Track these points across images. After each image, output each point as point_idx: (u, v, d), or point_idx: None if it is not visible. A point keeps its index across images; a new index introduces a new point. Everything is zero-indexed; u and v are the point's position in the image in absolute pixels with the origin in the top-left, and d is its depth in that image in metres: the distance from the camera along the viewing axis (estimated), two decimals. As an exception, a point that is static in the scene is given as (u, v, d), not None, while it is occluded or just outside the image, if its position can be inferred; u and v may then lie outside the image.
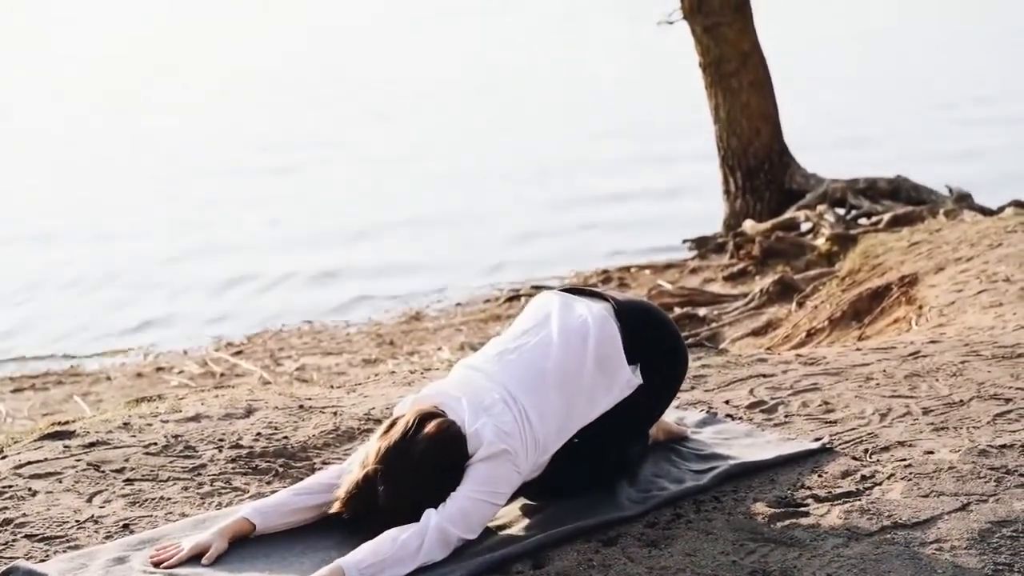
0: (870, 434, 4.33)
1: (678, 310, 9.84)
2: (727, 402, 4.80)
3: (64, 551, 3.66)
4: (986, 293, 6.73)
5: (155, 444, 4.44)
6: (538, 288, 10.48)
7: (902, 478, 3.94)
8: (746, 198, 12.07)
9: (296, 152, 18.30)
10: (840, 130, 17.72)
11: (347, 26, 33.91)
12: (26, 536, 3.76)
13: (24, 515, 3.90)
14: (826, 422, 4.50)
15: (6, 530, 3.80)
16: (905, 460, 4.07)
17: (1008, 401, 4.60)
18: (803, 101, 17.90)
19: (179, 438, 4.50)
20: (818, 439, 4.29)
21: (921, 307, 7.08)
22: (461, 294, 11.47)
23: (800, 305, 9.11)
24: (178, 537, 3.66)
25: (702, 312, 9.84)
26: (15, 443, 4.54)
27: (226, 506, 3.97)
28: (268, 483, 4.16)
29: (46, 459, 4.32)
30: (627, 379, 3.84)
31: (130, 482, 4.15)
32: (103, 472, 4.21)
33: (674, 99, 19.36)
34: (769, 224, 11.47)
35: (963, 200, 11.44)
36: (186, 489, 4.10)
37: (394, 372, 5.82)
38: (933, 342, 5.58)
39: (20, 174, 17.90)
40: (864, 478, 3.96)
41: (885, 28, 29.17)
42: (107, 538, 3.75)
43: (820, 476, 4.00)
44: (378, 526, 3.49)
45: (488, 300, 11.22)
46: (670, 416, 4.39)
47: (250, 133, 20.17)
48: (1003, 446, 4.15)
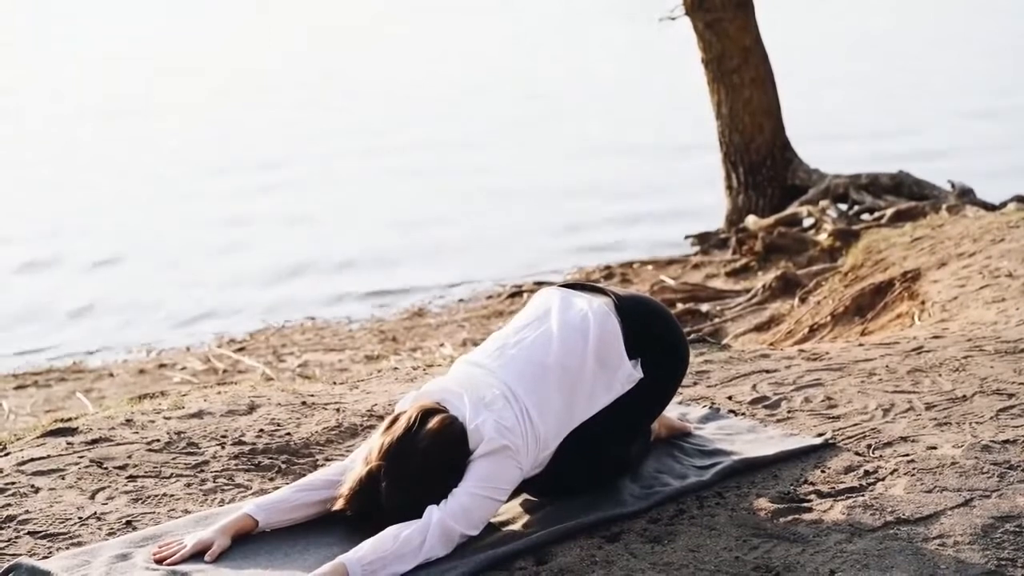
0: (873, 430, 4.33)
1: (681, 306, 9.85)
2: (730, 398, 4.80)
3: (67, 548, 3.66)
4: (989, 288, 6.73)
5: (158, 441, 4.45)
6: (540, 284, 10.53)
7: (905, 474, 3.93)
8: (748, 194, 12.07)
9: (296, 152, 18.30)
10: (842, 125, 17.71)
11: (347, 26, 33.91)
12: (29, 533, 3.77)
13: (27, 512, 3.90)
14: (829, 418, 4.50)
15: (9, 527, 3.80)
16: (908, 456, 4.07)
17: (1011, 396, 4.60)
18: (805, 97, 17.91)
19: (182, 435, 4.50)
20: (821, 435, 4.29)
21: (924, 302, 7.07)
22: (463, 290, 11.48)
23: (803, 301, 9.10)
24: (181, 534, 3.66)
25: (705, 308, 9.85)
26: (18, 440, 4.54)
27: (229, 503, 3.97)
28: (271, 480, 4.16)
29: (49, 456, 4.32)
30: (628, 374, 3.83)
31: (133, 479, 4.15)
32: (106, 469, 4.21)
33: (675, 96, 19.37)
34: (771, 220, 11.47)
35: (965, 195, 11.44)
36: (189, 486, 4.10)
37: (396, 368, 5.81)
38: (936, 337, 5.58)
39: (22, 172, 17.91)
40: (867, 474, 3.96)
41: (887, 25, 29.17)
42: (110, 535, 3.75)
43: (823, 472, 4.00)
44: (380, 522, 3.49)
45: (490, 296, 11.22)
46: (673, 412, 4.39)
47: (250, 132, 20.18)
48: (1006, 441, 4.14)
